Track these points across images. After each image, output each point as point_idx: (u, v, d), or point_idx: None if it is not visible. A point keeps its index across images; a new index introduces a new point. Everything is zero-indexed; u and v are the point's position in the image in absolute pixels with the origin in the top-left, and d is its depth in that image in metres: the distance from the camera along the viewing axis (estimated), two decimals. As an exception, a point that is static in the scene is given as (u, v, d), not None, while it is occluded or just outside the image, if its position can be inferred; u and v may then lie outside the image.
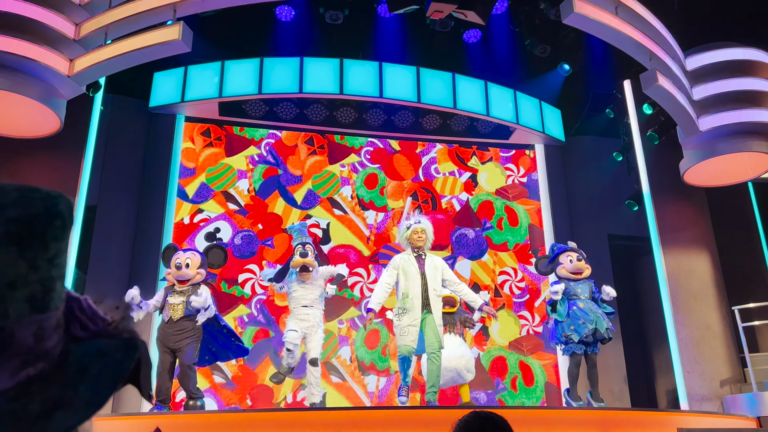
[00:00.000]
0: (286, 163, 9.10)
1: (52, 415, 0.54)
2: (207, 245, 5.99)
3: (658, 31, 7.07)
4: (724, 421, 6.27)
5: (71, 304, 0.64)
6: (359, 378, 8.30)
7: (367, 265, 8.76)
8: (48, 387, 0.56)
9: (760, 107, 7.39)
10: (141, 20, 6.29)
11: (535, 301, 9.14)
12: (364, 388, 8.24)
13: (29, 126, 6.72)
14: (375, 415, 5.12)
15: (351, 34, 9.16)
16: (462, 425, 1.83)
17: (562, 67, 9.55)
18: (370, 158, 9.43)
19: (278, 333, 8.00)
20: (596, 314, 5.79)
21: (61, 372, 0.58)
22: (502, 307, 8.96)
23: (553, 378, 8.78)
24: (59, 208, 0.59)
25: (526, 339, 8.96)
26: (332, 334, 8.30)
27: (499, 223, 9.46)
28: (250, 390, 7.94)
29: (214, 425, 4.69)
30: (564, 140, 9.89)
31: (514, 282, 9.20)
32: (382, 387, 8.28)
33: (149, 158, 8.72)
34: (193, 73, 8.78)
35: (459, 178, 9.63)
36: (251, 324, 8.26)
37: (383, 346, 8.45)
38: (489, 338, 8.85)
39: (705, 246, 8.82)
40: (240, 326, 8.15)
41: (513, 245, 9.36)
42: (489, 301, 6.11)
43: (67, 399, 0.56)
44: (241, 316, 8.26)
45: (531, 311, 9.14)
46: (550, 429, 4.95)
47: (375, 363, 8.38)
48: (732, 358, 8.28)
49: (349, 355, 8.36)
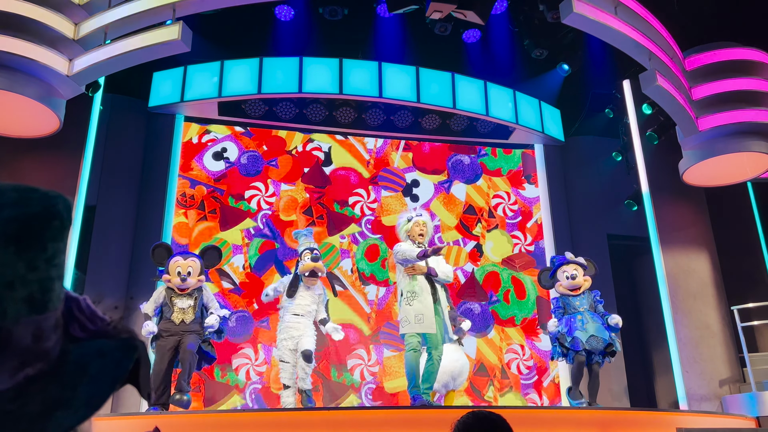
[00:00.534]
0: (283, 236, 8.63)
1: (51, 416, 0.54)
2: (203, 247, 5.91)
3: (657, 31, 7.07)
4: (724, 421, 6.27)
5: (70, 305, 0.64)
6: (360, 287, 8.69)
7: (368, 345, 8.43)
8: (47, 387, 0.56)
9: (759, 107, 7.39)
10: (140, 20, 6.29)
11: (542, 381, 8.83)
12: (364, 296, 8.65)
13: (28, 125, 6.72)
14: (375, 415, 5.12)
15: (350, 33, 9.16)
16: (461, 427, 1.82)
17: (562, 67, 9.55)
18: (371, 228, 9.00)
19: (283, 245, 8.58)
20: (595, 325, 5.76)
21: (60, 372, 0.58)
22: (510, 389, 8.64)
23: (545, 293, 8.71)
24: (58, 208, 0.59)
25: (518, 256, 9.23)
26: (334, 248, 8.72)
27: (506, 295, 9.03)
28: (257, 296, 8.10)
29: (214, 425, 4.69)
30: (563, 140, 9.90)
31: (522, 360, 8.80)
32: (382, 296, 8.69)
33: (148, 158, 8.71)
34: (192, 73, 8.78)
35: (464, 247, 9.20)
36: (257, 236, 8.63)
37: (382, 259, 8.81)
38: (483, 255, 9.17)
39: (704, 246, 8.82)
40: (247, 238, 8.59)
41: (520, 320, 8.92)
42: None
43: (66, 399, 0.56)
44: (247, 228, 8.64)
45: (523, 231, 9.44)
46: (549, 429, 4.95)
47: (375, 274, 8.78)
48: (731, 358, 8.28)
49: (350, 266, 8.72)
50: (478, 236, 9.31)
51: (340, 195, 9.06)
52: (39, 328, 0.57)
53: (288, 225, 8.72)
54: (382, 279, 8.77)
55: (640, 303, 9.83)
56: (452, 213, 9.39)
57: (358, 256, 8.81)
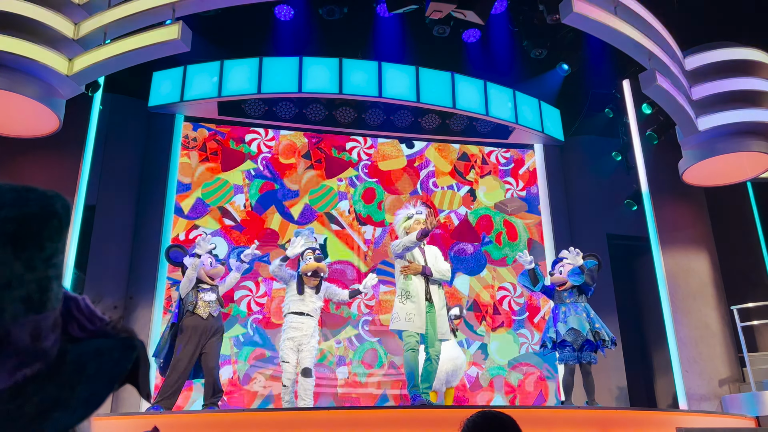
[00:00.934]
0: (282, 178, 9.02)
1: (48, 416, 0.54)
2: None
3: (657, 31, 7.07)
4: (723, 421, 6.27)
5: (69, 304, 0.64)
6: (357, 227, 9.02)
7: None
8: (45, 387, 0.56)
9: (759, 107, 7.39)
10: (140, 20, 6.28)
11: (533, 317, 9.13)
12: (361, 236, 8.97)
13: (28, 125, 6.71)
14: (376, 414, 5.12)
15: (350, 33, 9.16)
16: (470, 426, 1.82)
17: (561, 66, 9.55)
18: (368, 173, 9.36)
19: (282, 186, 8.97)
20: (577, 318, 5.78)
21: (58, 372, 0.58)
22: (502, 324, 8.96)
23: (537, 236, 9.49)
24: (55, 207, 0.59)
25: (510, 201, 9.61)
26: (332, 189, 9.10)
27: (498, 237, 9.40)
28: (258, 234, 8.47)
29: (213, 425, 4.69)
30: (563, 140, 9.90)
31: (513, 298, 9.14)
32: (378, 235, 9.03)
33: (148, 158, 8.72)
34: (192, 73, 8.77)
35: (458, 191, 9.59)
36: (257, 177, 8.96)
37: (378, 201, 9.20)
38: (476, 199, 9.58)
39: (704, 246, 8.83)
40: (247, 178, 8.90)
41: (512, 260, 9.23)
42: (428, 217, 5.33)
43: (64, 399, 0.55)
44: (248, 170, 8.97)
45: (515, 178, 9.83)
46: (549, 428, 4.95)
47: (371, 215, 9.12)
48: (731, 357, 8.28)
49: (347, 207, 9.05)
50: (472, 181, 9.68)
51: (338, 141, 9.43)
52: (37, 327, 0.57)
53: (288, 168, 9.12)
54: (378, 220, 9.11)
55: (639, 303, 9.84)
56: (446, 159, 9.72)
57: (355, 199, 9.13)
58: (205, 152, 8.94)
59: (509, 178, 9.83)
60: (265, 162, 9.08)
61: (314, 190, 9.08)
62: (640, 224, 8.99)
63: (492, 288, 9.11)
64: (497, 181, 9.79)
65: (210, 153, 8.96)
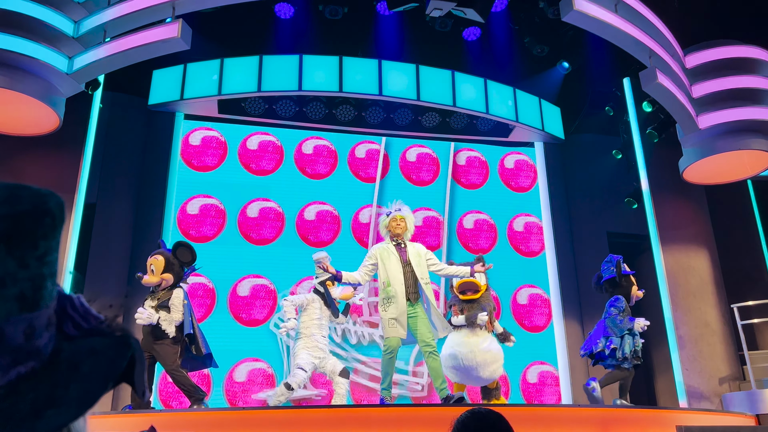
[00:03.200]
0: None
1: (42, 414, 0.54)
2: (174, 243, 5.54)
3: (657, 29, 7.06)
4: (723, 419, 6.27)
5: (64, 303, 0.64)
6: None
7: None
8: (38, 385, 0.56)
9: (760, 105, 7.38)
10: (140, 18, 6.28)
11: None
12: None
13: (28, 124, 6.71)
14: (376, 413, 5.12)
15: (350, 31, 9.15)
16: (459, 426, 1.78)
17: (562, 65, 9.54)
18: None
19: None
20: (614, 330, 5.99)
21: (53, 370, 0.58)
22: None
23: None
24: (49, 205, 0.59)
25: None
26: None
27: None
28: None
29: (212, 424, 4.69)
30: (563, 138, 9.88)
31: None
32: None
33: (148, 156, 8.71)
34: (192, 71, 8.76)
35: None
36: None
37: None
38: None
39: (704, 244, 8.82)
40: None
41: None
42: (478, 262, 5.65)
43: (58, 397, 0.55)
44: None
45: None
46: (549, 427, 4.95)
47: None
48: (731, 355, 8.28)
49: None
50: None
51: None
52: (31, 326, 0.57)
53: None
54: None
55: (639, 301, 9.81)
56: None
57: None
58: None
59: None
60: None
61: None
62: (640, 222, 8.99)
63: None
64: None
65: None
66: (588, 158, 9.84)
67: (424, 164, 9.55)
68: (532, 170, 9.91)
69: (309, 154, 9.21)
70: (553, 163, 9.86)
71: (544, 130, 9.66)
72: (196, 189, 8.69)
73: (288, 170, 9.06)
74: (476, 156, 9.79)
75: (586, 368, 8.88)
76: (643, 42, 6.74)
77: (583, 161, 9.84)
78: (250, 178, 8.89)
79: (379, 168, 9.31)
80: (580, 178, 9.74)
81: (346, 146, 9.38)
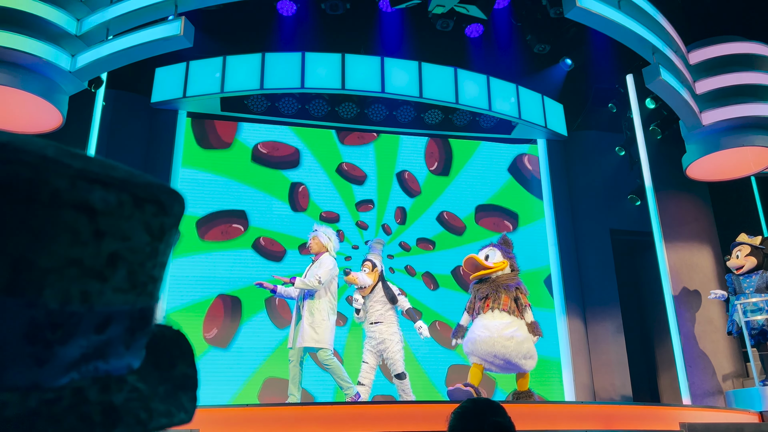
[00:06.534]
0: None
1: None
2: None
3: (661, 25, 7.04)
4: (727, 416, 6.26)
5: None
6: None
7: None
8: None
9: (764, 101, 7.36)
10: (142, 16, 6.28)
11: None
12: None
13: (31, 122, 6.72)
14: (375, 412, 5.12)
15: (352, 28, 9.14)
16: (458, 411, 1.82)
17: (565, 61, 9.52)
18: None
19: None
20: (756, 306, 6.08)
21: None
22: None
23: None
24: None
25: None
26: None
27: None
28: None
29: (214, 421, 4.69)
30: (566, 135, 9.87)
31: None
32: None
33: (151, 154, 8.71)
34: (194, 69, 8.76)
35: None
36: None
37: None
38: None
39: (707, 241, 8.80)
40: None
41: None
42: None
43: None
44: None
45: None
46: (552, 423, 4.95)
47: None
48: (734, 352, 8.27)
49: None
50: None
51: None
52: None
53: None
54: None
55: (643, 298, 9.82)
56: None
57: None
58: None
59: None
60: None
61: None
62: (643, 219, 8.97)
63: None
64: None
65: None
66: (591, 155, 9.83)
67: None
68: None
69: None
70: (555, 160, 9.85)
71: (546, 127, 9.65)
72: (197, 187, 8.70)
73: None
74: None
75: (588, 364, 8.88)
76: (646, 38, 6.73)
77: (586, 158, 9.83)
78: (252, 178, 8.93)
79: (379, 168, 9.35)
80: (583, 175, 9.73)
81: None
